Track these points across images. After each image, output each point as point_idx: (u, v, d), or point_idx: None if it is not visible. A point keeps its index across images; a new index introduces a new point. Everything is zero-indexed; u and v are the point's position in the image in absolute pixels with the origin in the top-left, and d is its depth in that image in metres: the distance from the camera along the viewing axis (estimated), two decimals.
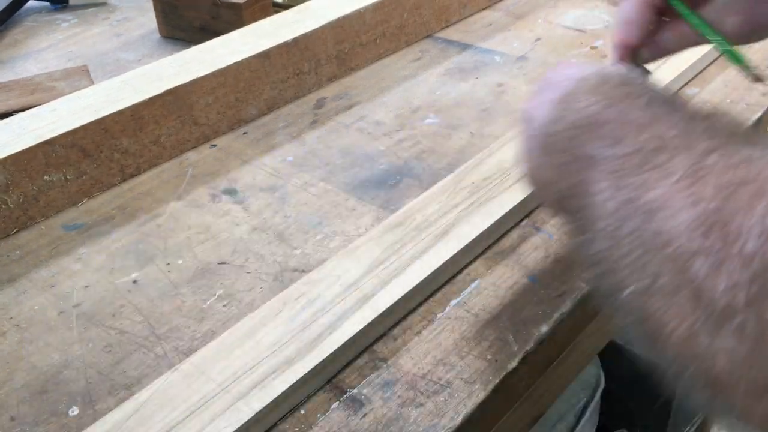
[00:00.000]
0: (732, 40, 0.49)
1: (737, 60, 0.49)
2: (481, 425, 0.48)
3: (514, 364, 0.49)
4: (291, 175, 0.70)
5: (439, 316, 0.53)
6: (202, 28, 0.97)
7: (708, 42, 0.50)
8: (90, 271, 0.59)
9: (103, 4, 1.12)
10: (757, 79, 0.51)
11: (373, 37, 0.88)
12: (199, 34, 0.97)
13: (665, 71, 0.78)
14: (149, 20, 1.04)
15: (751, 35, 0.49)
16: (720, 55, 0.54)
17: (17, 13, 1.08)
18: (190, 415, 0.43)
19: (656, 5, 0.50)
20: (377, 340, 0.51)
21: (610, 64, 0.52)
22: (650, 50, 0.52)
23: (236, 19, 0.93)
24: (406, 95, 0.82)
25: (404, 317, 0.53)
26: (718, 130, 0.33)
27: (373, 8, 0.86)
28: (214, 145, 0.75)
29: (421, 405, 0.46)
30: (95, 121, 0.66)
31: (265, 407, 0.44)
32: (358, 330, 0.49)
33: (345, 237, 0.61)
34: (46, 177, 0.64)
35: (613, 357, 1.14)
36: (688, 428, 1.26)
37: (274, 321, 0.50)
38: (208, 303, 0.55)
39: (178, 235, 0.62)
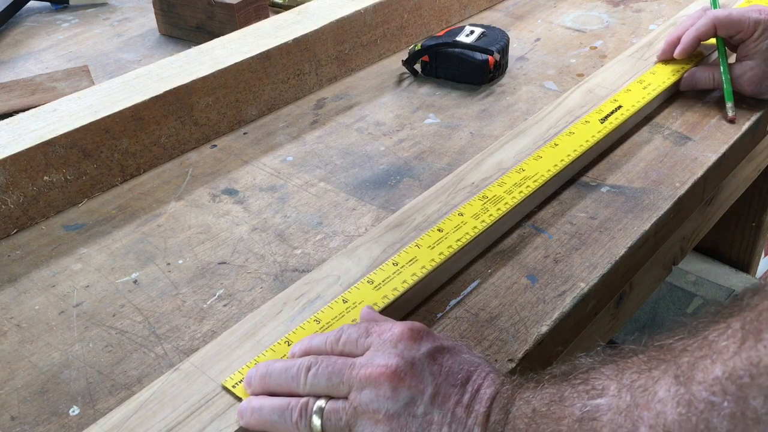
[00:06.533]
0: (743, 91, 0.75)
1: (728, 98, 0.74)
2: None
3: (514, 364, 0.49)
4: (291, 175, 0.70)
5: (439, 316, 0.53)
6: (198, 27, 0.97)
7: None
8: (90, 271, 0.59)
9: (104, 4, 1.12)
10: (731, 120, 0.73)
11: (373, 37, 0.88)
12: (195, 33, 0.97)
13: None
14: (149, 20, 1.04)
15: (759, 95, 0.75)
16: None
17: (18, 13, 1.08)
18: (190, 416, 0.44)
19: (702, 37, 0.76)
20: None
21: None
22: (686, 80, 0.77)
23: (229, 20, 0.94)
24: (406, 95, 0.82)
25: (404, 317, 0.53)
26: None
27: (373, 9, 0.86)
28: (215, 146, 0.75)
29: None
30: (95, 121, 0.66)
31: None
32: None
33: (345, 237, 0.61)
34: (46, 177, 0.64)
35: None
36: None
37: (274, 321, 0.50)
38: (208, 303, 0.55)
39: (178, 235, 0.62)
